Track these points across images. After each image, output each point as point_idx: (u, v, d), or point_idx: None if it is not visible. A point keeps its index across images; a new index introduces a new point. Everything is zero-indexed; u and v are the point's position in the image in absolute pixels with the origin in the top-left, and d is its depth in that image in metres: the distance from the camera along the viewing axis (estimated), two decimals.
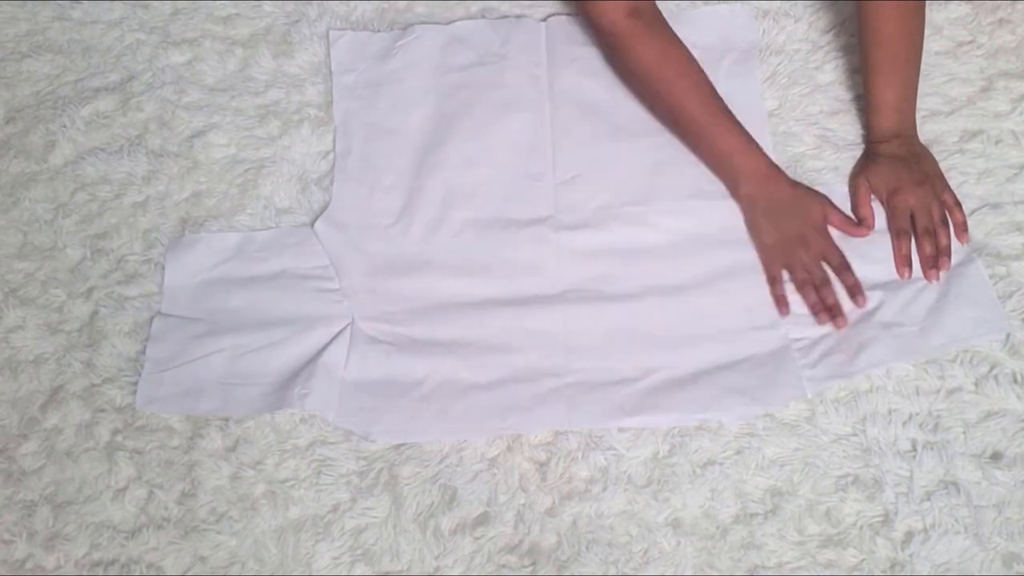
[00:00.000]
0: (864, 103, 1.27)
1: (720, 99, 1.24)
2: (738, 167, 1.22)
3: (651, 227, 1.23)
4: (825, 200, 1.21)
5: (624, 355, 1.14)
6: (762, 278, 1.18)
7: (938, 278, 1.16)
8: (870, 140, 1.26)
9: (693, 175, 1.26)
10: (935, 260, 1.17)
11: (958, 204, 1.20)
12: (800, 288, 1.16)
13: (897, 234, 1.19)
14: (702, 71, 1.25)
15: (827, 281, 1.16)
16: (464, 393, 1.13)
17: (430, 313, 1.18)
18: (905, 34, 1.21)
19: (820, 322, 1.14)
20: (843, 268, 1.16)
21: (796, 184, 1.22)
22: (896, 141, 1.23)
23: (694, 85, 1.24)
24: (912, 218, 1.19)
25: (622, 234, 1.23)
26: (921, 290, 1.16)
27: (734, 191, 1.23)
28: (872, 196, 1.22)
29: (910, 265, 1.18)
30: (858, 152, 1.28)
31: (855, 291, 1.15)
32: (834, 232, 1.20)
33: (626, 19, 1.24)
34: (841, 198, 1.24)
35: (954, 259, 1.17)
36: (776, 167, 1.22)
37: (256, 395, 1.13)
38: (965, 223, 1.19)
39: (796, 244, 1.18)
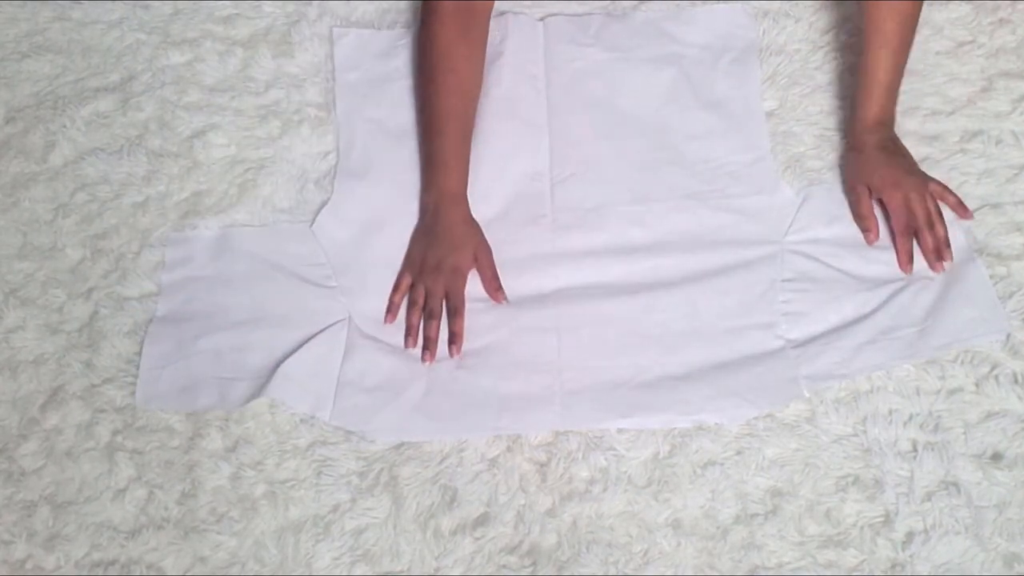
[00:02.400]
0: (855, 91, 1.26)
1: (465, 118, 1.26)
2: (433, 180, 1.24)
3: (647, 227, 1.23)
4: (484, 250, 1.20)
5: (618, 355, 1.14)
6: (757, 277, 1.18)
7: (944, 268, 1.16)
8: (857, 129, 1.25)
9: (689, 175, 1.27)
10: (938, 252, 1.17)
11: (947, 188, 1.21)
12: (419, 314, 1.17)
13: (899, 232, 1.19)
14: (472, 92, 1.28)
15: (433, 316, 1.16)
16: (458, 392, 1.13)
17: None
18: (905, 30, 1.22)
19: None
20: (455, 313, 1.16)
21: (472, 223, 1.22)
22: (881, 130, 1.23)
23: (458, 99, 1.26)
24: (910, 213, 1.19)
25: (618, 234, 1.22)
26: (920, 291, 1.16)
27: (422, 196, 1.25)
28: (871, 197, 1.23)
29: (912, 260, 1.18)
30: None
31: None
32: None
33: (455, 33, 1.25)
34: (840, 199, 1.24)
35: (955, 259, 1.17)
36: (464, 198, 1.22)
37: (251, 390, 1.12)
38: (960, 201, 1.20)
39: (434, 270, 1.18)
